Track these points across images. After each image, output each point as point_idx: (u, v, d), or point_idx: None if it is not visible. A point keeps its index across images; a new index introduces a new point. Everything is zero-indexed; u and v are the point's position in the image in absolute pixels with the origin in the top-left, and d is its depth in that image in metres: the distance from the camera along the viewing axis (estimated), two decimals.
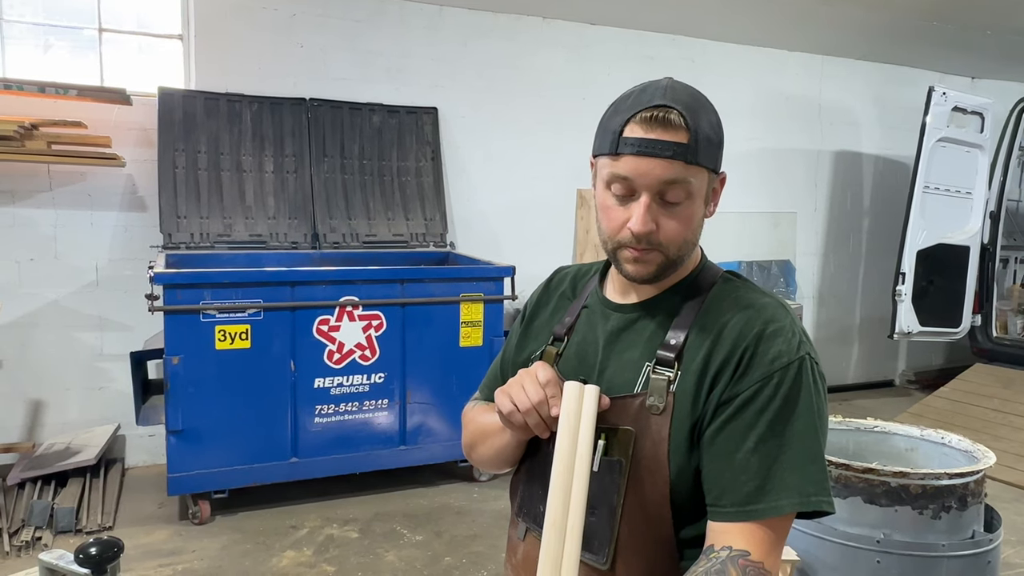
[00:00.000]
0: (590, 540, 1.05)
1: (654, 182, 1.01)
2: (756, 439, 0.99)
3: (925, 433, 2.53)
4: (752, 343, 1.02)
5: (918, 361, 7.05)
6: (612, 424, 1.06)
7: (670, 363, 1.05)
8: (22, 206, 4.17)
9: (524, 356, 1.27)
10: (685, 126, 1.00)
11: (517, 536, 1.20)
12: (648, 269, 1.07)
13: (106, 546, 1.07)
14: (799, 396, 1.01)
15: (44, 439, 4.23)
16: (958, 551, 2.12)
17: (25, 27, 4.34)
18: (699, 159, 1.01)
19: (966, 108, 5.53)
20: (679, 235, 1.05)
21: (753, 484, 0.98)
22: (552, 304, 1.29)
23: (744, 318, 1.05)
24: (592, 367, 1.14)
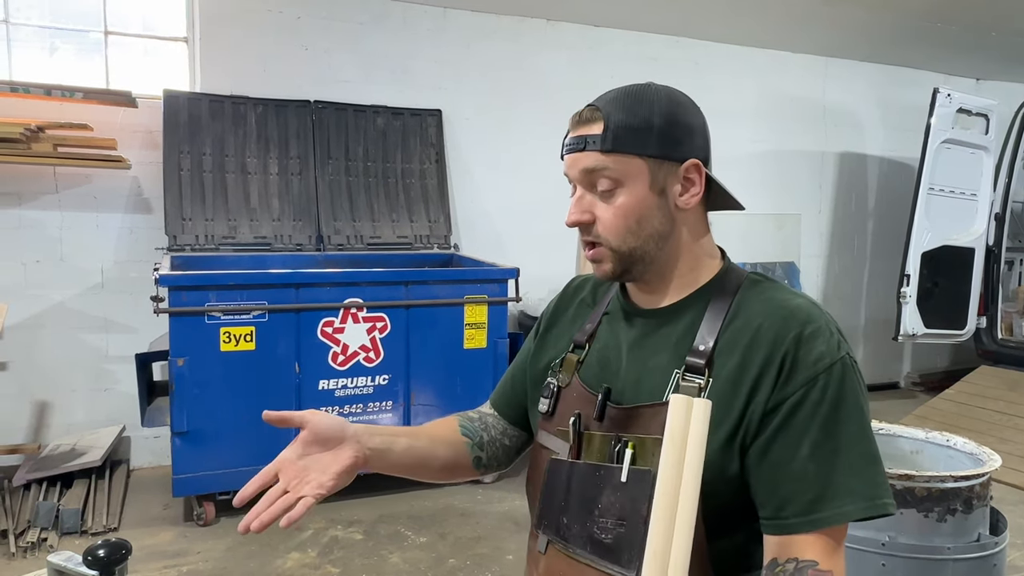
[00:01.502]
0: (619, 552, 1.02)
1: (577, 174, 1.07)
2: (811, 445, 0.96)
3: (930, 435, 2.52)
4: (792, 347, 0.99)
5: (923, 363, 7.04)
6: (640, 433, 1.04)
7: (700, 369, 1.02)
8: (28, 208, 4.19)
9: (542, 365, 1.25)
10: (600, 118, 1.04)
11: (538, 548, 1.14)
12: (605, 267, 1.09)
13: (114, 548, 1.08)
14: (847, 396, 0.98)
15: (50, 440, 4.24)
16: (963, 554, 2.12)
17: (31, 30, 4.37)
18: (616, 146, 1.03)
19: (971, 110, 5.52)
20: (616, 224, 1.05)
21: (813, 492, 0.95)
22: (571, 311, 1.27)
23: (779, 321, 1.02)
24: (616, 374, 1.12)
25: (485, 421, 1.33)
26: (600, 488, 1.05)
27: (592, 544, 1.05)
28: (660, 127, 1.04)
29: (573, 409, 1.13)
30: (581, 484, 1.08)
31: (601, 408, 1.08)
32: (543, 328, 1.30)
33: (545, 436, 1.18)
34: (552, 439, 1.16)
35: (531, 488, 1.21)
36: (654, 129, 1.04)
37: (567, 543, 1.09)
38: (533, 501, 1.19)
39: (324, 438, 1.08)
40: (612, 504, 1.03)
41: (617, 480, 1.03)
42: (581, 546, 1.07)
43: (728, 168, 6.60)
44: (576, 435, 1.10)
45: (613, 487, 1.03)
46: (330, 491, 1.04)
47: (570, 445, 1.11)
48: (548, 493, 1.14)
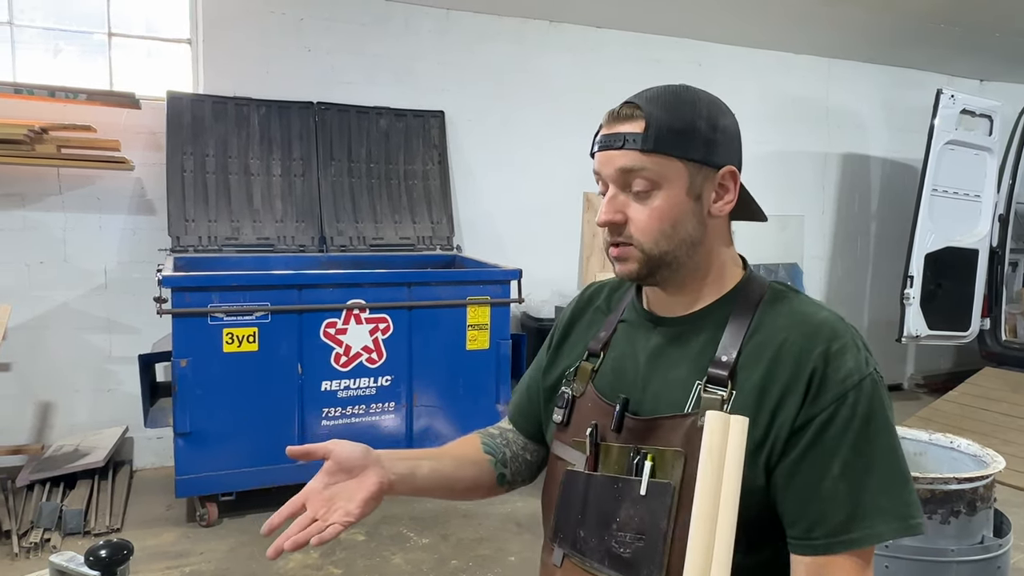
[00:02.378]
0: (638, 567, 1.00)
1: (613, 172, 1.03)
2: (841, 465, 0.94)
3: (934, 437, 2.51)
4: (820, 363, 0.97)
5: (926, 365, 7.02)
6: (660, 445, 1.01)
7: (723, 381, 0.99)
8: (32, 209, 4.20)
9: (557, 374, 1.22)
10: (641, 116, 1.01)
11: (553, 562, 1.12)
12: (630, 267, 1.05)
13: (116, 548, 1.08)
14: (876, 413, 0.96)
15: (53, 441, 4.25)
16: (967, 556, 2.11)
17: (35, 31, 4.38)
18: (657, 147, 1.00)
19: (974, 111, 5.51)
20: (650, 226, 1.02)
21: (844, 512, 0.93)
22: (587, 318, 1.24)
23: (805, 335, 0.99)
24: (633, 384, 1.09)
25: (506, 437, 1.30)
26: (619, 501, 1.03)
27: (610, 559, 1.02)
28: (703, 131, 1.03)
29: (588, 419, 1.10)
30: (599, 497, 1.05)
31: (619, 419, 1.06)
32: (558, 337, 1.26)
33: (560, 447, 1.15)
34: (567, 450, 1.13)
35: (546, 500, 1.18)
36: (697, 132, 1.02)
37: (584, 557, 1.06)
38: (548, 513, 1.16)
39: (348, 466, 1.06)
40: (631, 518, 1.01)
41: (636, 493, 1.01)
42: (599, 560, 1.04)
43: None
44: (593, 446, 1.08)
45: (632, 500, 1.01)
46: (358, 519, 1.03)
47: (587, 456, 1.08)
48: (564, 505, 1.11)
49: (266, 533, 1.03)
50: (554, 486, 1.15)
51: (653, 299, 1.13)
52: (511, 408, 1.33)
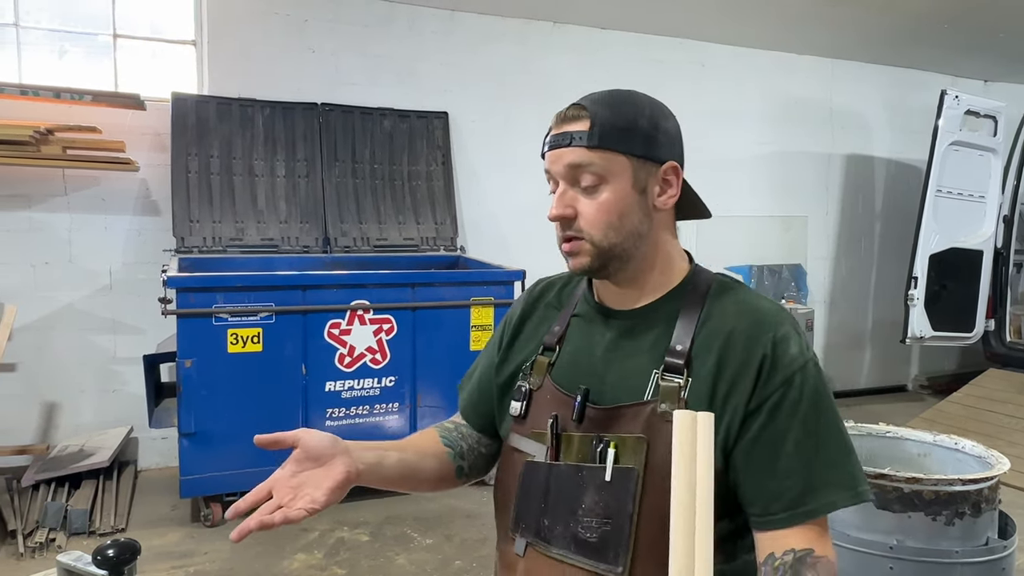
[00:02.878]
0: (605, 550, 1.04)
1: (562, 168, 1.09)
2: (794, 442, 1.01)
3: (938, 439, 2.51)
4: (769, 349, 1.03)
5: (931, 366, 7.01)
6: (622, 433, 1.06)
7: (679, 369, 1.05)
8: (37, 210, 4.22)
9: (511, 370, 1.24)
10: (586, 116, 1.07)
11: (515, 552, 1.15)
12: (582, 260, 1.10)
13: (123, 548, 1.08)
14: (821, 393, 1.04)
15: (58, 441, 4.27)
16: (972, 558, 2.11)
17: (41, 33, 4.40)
18: (602, 143, 1.05)
19: (979, 111, 5.50)
20: (599, 219, 1.07)
21: (800, 486, 1.00)
22: (538, 314, 1.27)
23: (752, 323, 1.06)
24: (591, 375, 1.12)
25: (460, 431, 1.32)
26: (583, 488, 1.07)
27: (576, 544, 1.07)
28: (645, 128, 1.08)
29: (547, 411, 1.13)
30: (563, 485, 1.09)
31: (580, 409, 1.09)
32: (510, 334, 1.28)
33: (518, 439, 1.18)
34: (526, 442, 1.16)
35: (501, 492, 1.21)
36: (640, 130, 1.08)
37: (549, 544, 1.10)
38: (505, 505, 1.19)
39: (316, 454, 1.07)
40: (596, 503, 1.05)
41: (601, 480, 1.05)
42: (564, 547, 1.08)
43: (734, 170, 6.62)
44: (554, 437, 1.11)
45: (597, 487, 1.05)
46: (323, 506, 1.04)
47: (548, 447, 1.11)
48: (524, 496, 1.14)
49: (231, 517, 1.03)
50: (511, 478, 1.18)
51: (605, 294, 1.18)
52: (462, 404, 1.34)
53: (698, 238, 5.97)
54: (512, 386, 1.22)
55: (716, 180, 5.98)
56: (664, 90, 5.39)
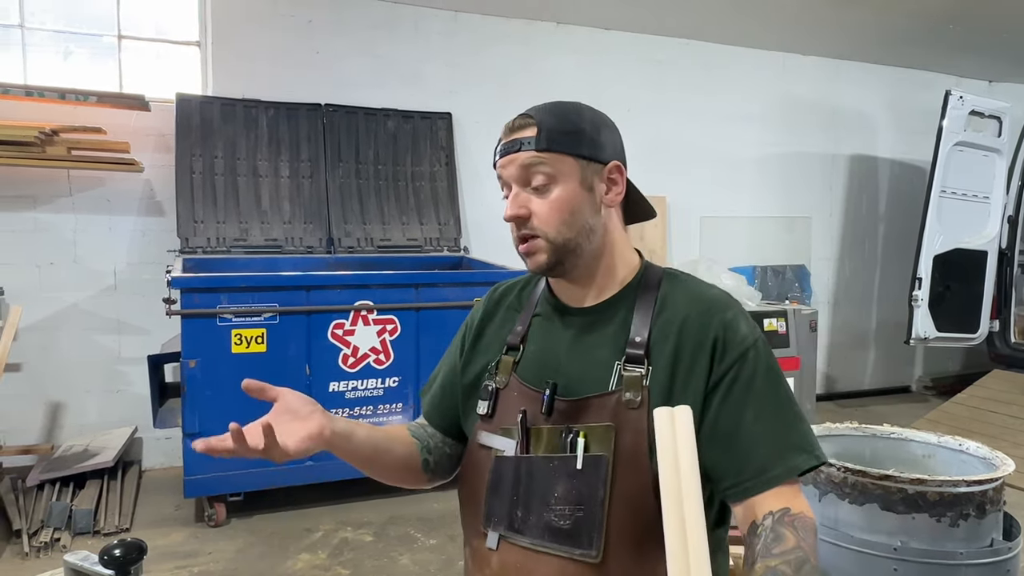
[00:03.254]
0: (579, 535, 1.09)
1: (515, 170, 1.15)
2: (754, 414, 1.08)
3: (943, 440, 2.51)
4: (720, 331, 1.12)
5: (935, 367, 6.99)
6: (591, 422, 1.12)
7: (640, 359, 1.12)
8: (43, 211, 4.23)
9: (475, 371, 1.28)
10: (533, 123, 1.15)
11: (487, 547, 1.18)
12: (539, 259, 1.16)
13: (130, 548, 1.09)
14: (772, 367, 1.13)
15: (63, 441, 4.28)
16: (976, 559, 2.10)
17: (46, 34, 4.41)
18: (550, 145, 1.13)
19: (983, 112, 5.48)
20: (551, 216, 1.14)
21: (764, 454, 1.06)
22: (499, 317, 1.32)
23: (703, 310, 1.14)
24: (557, 370, 1.18)
25: (426, 430, 1.36)
26: (556, 478, 1.12)
27: (550, 532, 1.11)
28: (588, 132, 1.16)
29: (514, 407, 1.18)
30: (535, 476, 1.14)
31: (549, 403, 1.14)
32: (472, 338, 1.33)
33: (486, 436, 1.21)
34: (495, 438, 1.20)
35: (468, 490, 1.24)
36: (584, 133, 1.16)
37: (523, 535, 1.14)
38: (474, 502, 1.22)
39: (294, 409, 1.13)
40: (569, 491, 1.11)
41: (573, 468, 1.11)
42: (538, 536, 1.12)
43: (738, 170, 6.60)
44: (523, 431, 1.16)
45: (569, 475, 1.11)
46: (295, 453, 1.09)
47: (518, 441, 1.16)
48: (495, 490, 1.18)
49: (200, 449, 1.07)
50: (477, 475, 1.21)
51: (564, 293, 1.24)
52: (426, 407, 1.39)
53: (701, 239, 5.98)
54: (478, 386, 1.26)
55: (720, 180, 5.99)
56: (668, 91, 5.44)
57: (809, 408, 4.24)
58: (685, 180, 5.79)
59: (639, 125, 5.61)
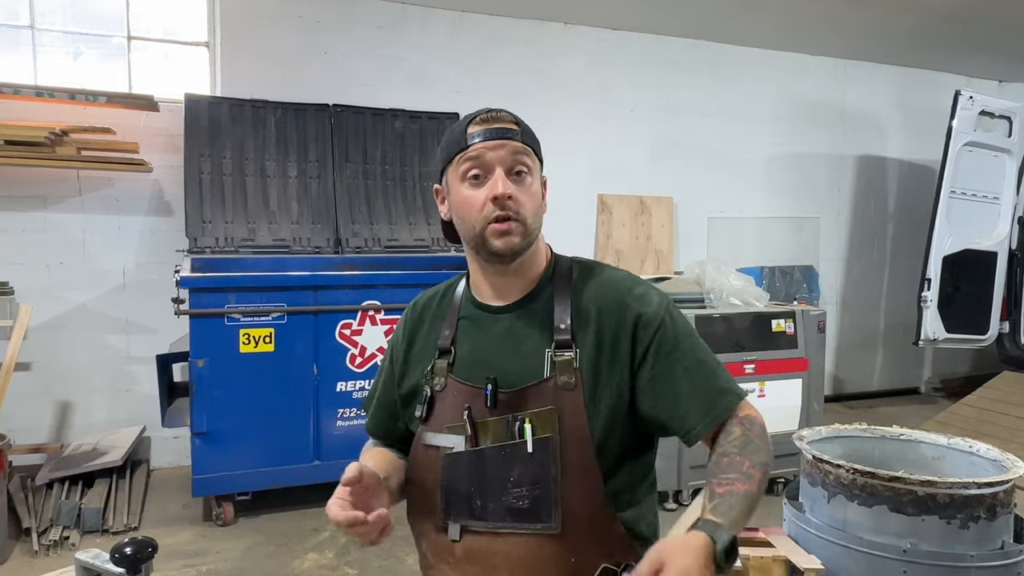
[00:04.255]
0: (538, 511, 1.19)
1: (505, 155, 1.22)
2: (683, 370, 1.22)
3: (952, 441, 2.49)
4: (636, 305, 1.24)
5: (944, 368, 6.96)
6: (534, 408, 1.21)
7: (567, 344, 1.22)
8: (53, 211, 4.25)
9: (413, 381, 1.33)
10: (512, 120, 1.26)
11: (450, 539, 1.25)
12: (513, 240, 1.22)
13: (141, 546, 1.09)
14: (686, 325, 1.27)
15: (72, 440, 4.30)
16: (987, 561, 2.09)
17: (56, 35, 4.44)
18: (526, 141, 1.24)
19: (994, 112, 5.45)
20: (531, 204, 1.23)
21: (703, 400, 1.22)
22: (425, 327, 1.37)
23: (616, 291, 1.27)
24: (492, 366, 1.25)
25: None
26: (510, 463, 1.21)
27: (511, 513, 1.21)
28: (537, 140, 1.29)
29: (456, 406, 1.25)
30: (489, 465, 1.22)
31: (493, 396, 1.22)
32: (403, 350, 1.38)
33: (432, 436, 1.28)
34: (441, 437, 1.26)
35: (418, 490, 1.30)
36: (537, 140, 1.29)
37: (485, 521, 1.23)
38: (426, 500, 1.28)
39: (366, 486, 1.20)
40: (524, 474, 1.20)
41: (524, 452, 1.20)
42: (500, 518, 1.22)
43: (746, 171, 6.56)
44: (471, 425, 1.23)
45: (522, 459, 1.20)
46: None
47: (467, 436, 1.23)
48: (450, 486, 1.25)
49: None
50: (429, 473, 1.28)
51: (490, 292, 1.31)
52: (373, 427, 1.46)
53: (709, 240, 5.96)
54: (417, 394, 1.31)
55: (728, 181, 5.97)
56: (676, 91, 5.42)
57: (817, 409, 4.22)
58: (693, 180, 5.78)
59: (647, 125, 5.60)
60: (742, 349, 3.97)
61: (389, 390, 1.40)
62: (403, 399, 1.36)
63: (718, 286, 4.16)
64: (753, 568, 2.24)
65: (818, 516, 2.32)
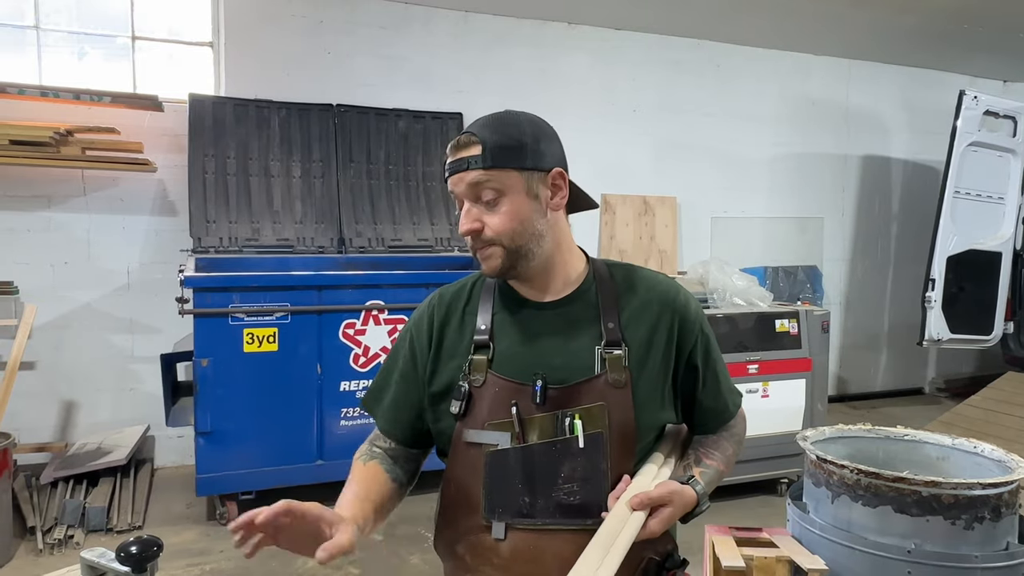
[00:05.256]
0: (588, 508, 1.20)
1: (464, 189, 1.22)
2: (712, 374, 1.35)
3: (957, 442, 2.48)
4: (680, 312, 1.32)
5: (948, 369, 6.94)
6: (584, 404, 1.22)
7: (618, 342, 1.25)
8: (57, 210, 4.26)
9: (446, 378, 1.30)
10: (477, 142, 1.20)
11: (494, 538, 1.23)
12: (495, 263, 1.24)
13: (146, 545, 1.10)
14: (712, 334, 1.37)
15: (76, 439, 4.31)
16: (992, 563, 2.08)
17: (60, 35, 4.45)
18: (495, 163, 1.20)
19: (998, 112, 5.43)
20: (505, 226, 1.22)
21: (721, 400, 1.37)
22: (455, 321, 1.34)
23: (661, 295, 1.32)
24: (538, 362, 1.25)
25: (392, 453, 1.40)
26: (560, 460, 1.22)
27: (561, 510, 1.21)
28: (528, 144, 1.23)
29: (496, 403, 1.23)
30: (539, 462, 1.22)
31: (543, 392, 1.22)
32: (434, 347, 1.34)
33: (474, 434, 1.25)
34: (485, 434, 1.24)
35: (456, 489, 1.27)
36: (524, 147, 1.22)
37: (533, 519, 1.22)
38: (467, 499, 1.25)
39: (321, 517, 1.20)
40: (574, 470, 1.21)
41: (575, 448, 1.21)
42: (549, 516, 1.21)
43: (750, 171, 6.55)
44: (518, 422, 1.22)
45: (572, 455, 1.21)
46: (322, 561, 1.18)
47: (514, 433, 1.22)
48: (494, 483, 1.23)
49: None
50: (469, 472, 1.25)
51: (526, 290, 1.32)
52: (386, 424, 1.39)
53: (712, 240, 5.96)
54: (451, 391, 1.28)
55: (731, 181, 5.97)
56: (679, 90, 5.42)
57: (821, 409, 4.21)
58: (696, 180, 5.77)
59: (650, 125, 5.60)
60: (746, 349, 3.97)
61: (412, 388, 1.36)
62: (432, 397, 1.32)
63: (722, 286, 4.16)
64: (757, 568, 2.23)
65: (822, 517, 2.31)
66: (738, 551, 2.24)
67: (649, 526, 1.14)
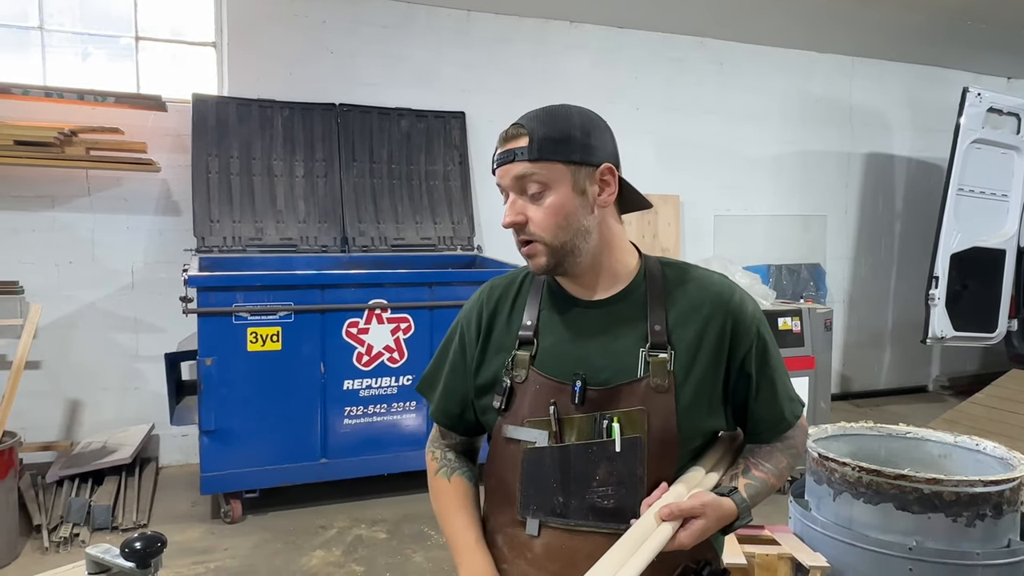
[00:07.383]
0: (622, 512, 1.17)
1: (510, 180, 1.21)
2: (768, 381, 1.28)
3: (959, 440, 2.49)
4: (736, 312, 1.25)
5: (952, 366, 6.93)
6: (624, 407, 1.19)
7: (663, 345, 1.21)
8: (61, 210, 4.28)
9: (492, 371, 1.30)
10: (525, 133, 1.19)
11: (528, 534, 1.24)
12: (540, 261, 1.22)
13: (150, 541, 1.10)
14: (771, 334, 1.31)
15: (81, 438, 4.33)
16: (993, 560, 2.09)
17: (64, 36, 4.46)
18: (542, 155, 1.18)
19: (1002, 109, 5.42)
20: (548, 222, 1.19)
21: (778, 408, 1.29)
22: (503, 315, 1.33)
23: (714, 296, 1.26)
24: (580, 362, 1.23)
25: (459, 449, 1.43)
26: (596, 462, 1.20)
27: (594, 512, 1.19)
28: (578, 138, 1.20)
29: (536, 401, 1.23)
30: (575, 462, 1.20)
31: (582, 392, 1.20)
32: (481, 339, 1.33)
33: (512, 430, 1.25)
34: (523, 431, 1.24)
35: (495, 482, 1.28)
36: (573, 140, 1.19)
37: (566, 519, 1.21)
38: (504, 492, 1.26)
39: None
40: (610, 474, 1.19)
41: (612, 451, 1.19)
42: (582, 517, 1.20)
43: (753, 169, 6.55)
44: (556, 422, 1.21)
45: (608, 458, 1.19)
46: None
47: (551, 432, 1.21)
48: (530, 480, 1.23)
49: None
50: (508, 467, 1.26)
51: (573, 288, 1.29)
52: (443, 418, 1.41)
53: (715, 238, 5.96)
54: (493, 385, 1.28)
55: (734, 179, 5.96)
56: (682, 88, 5.43)
57: (824, 407, 4.21)
58: (699, 178, 5.77)
59: (653, 123, 5.60)
60: None
61: (460, 378, 1.36)
62: (478, 389, 1.32)
63: None
64: (759, 566, 2.24)
65: (824, 514, 2.32)
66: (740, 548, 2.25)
67: (679, 538, 1.11)
